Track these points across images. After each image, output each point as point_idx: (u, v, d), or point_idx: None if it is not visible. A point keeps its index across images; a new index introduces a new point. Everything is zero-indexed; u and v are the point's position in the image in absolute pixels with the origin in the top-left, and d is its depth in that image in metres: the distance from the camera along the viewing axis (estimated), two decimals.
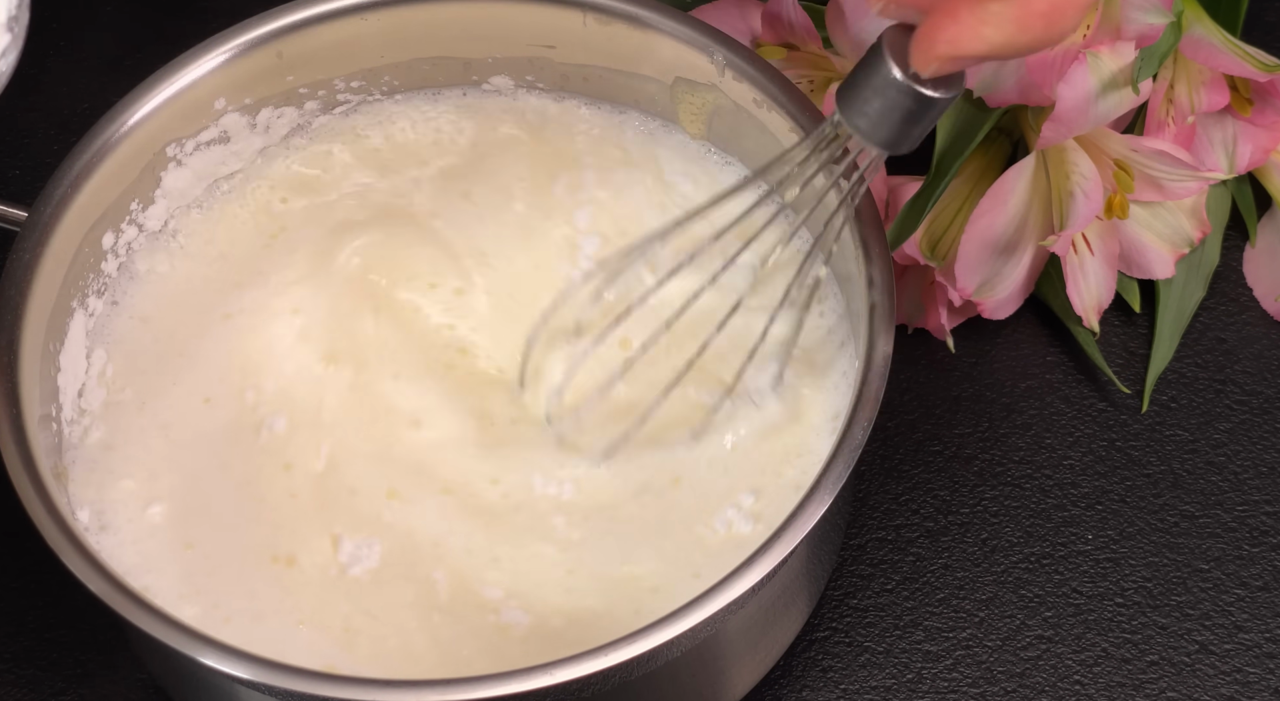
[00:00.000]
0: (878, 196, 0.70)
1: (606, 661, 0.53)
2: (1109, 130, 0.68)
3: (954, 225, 0.70)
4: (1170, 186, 0.68)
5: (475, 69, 0.69)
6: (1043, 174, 0.69)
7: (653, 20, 0.66)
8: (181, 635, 0.54)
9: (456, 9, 0.67)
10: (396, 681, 0.53)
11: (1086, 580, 0.67)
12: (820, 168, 0.58)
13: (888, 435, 0.70)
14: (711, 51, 0.65)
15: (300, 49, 0.66)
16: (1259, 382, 0.71)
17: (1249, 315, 0.73)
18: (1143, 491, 0.69)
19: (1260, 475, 0.70)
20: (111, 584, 0.55)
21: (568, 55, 0.68)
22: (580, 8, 0.66)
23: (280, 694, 0.54)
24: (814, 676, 0.66)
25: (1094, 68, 0.64)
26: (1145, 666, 0.66)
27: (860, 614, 0.67)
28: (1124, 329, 0.73)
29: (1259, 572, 0.68)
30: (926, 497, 0.69)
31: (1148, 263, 0.71)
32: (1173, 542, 0.68)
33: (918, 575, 0.68)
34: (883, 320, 0.59)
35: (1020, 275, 0.70)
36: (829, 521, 0.58)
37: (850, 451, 0.57)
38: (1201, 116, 0.70)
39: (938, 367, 0.72)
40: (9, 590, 0.67)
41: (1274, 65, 0.67)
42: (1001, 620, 0.67)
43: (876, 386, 0.58)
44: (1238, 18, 0.71)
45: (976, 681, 0.66)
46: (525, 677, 0.53)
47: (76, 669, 0.66)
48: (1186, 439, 0.70)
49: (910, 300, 0.72)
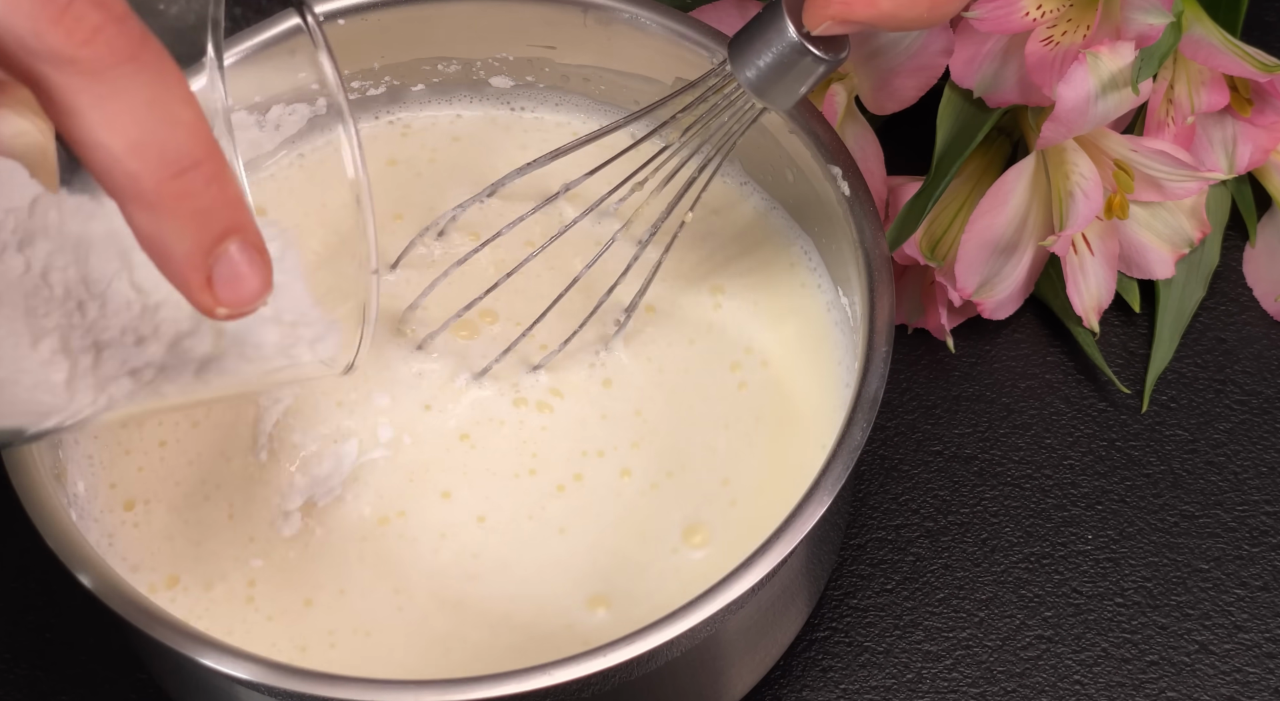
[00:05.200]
0: (878, 196, 0.70)
1: (606, 661, 0.53)
2: (1109, 130, 0.68)
3: (954, 225, 0.70)
4: (1170, 186, 0.68)
5: (475, 69, 0.69)
6: (1043, 174, 0.69)
7: (653, 20, 0.66)
8: (181, 635, 0.54)
9: (456, 9, 0.67)
10: (397, 681, 0.53)
11: (1086, 580, 0.67)
12: (701, 116, 0.61)
13: (888, 435, 0.70)
14: (711, 51, 0.65)
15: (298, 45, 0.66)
16: (1259, 382, 0.71)
17: (1249, 315, 0.73)
18: (1143, 491, 0.69)
19: (1260, 475, 0.70)
20: (112, 584, 0.55)
21: (568, 55, 0.68)
22: (580, 8, 0.66)
23: (280, 694, 0.54)
24: (814, 676, 0.66)
25: (1094, 68, 0.64)
26: (1145, 666, 0.66)
27: (860, 614, 0.67)
28: (1124, 329, 0.73)
29: (1259, 572, 0.68)
30: (926, 497, 0.69)
31: (1148, 263, 0.71)
32: (1173, 542, 0.68)
33: (918, 575, 0.68)
34: (883, 320, 0.59)
35: (1020, 275, 0.70)
36: (829, 521, 0.58)
37: (850, 451, 0.57)
38: (1201, 116, 0.70)
39: (938, 367, 0.72)
40: (9, 590, 0.67)
41: (1274, 65, 0.67)
42: (1001, 620, 0.67)
43: (876, 387, 0.58)
44: (1238, 18, 0.71)
45: (976, 681, 0.66)
46: (525, 677, 0.53)
47: (76, 669, 0.66)
48: (1186, 439, 0.70)
49: (910, 300, 0.72)
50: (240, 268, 0.45)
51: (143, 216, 0.44)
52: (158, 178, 0.43)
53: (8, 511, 0.57)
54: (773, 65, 0.58)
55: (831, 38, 0.58)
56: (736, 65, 0.59)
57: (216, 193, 0.44)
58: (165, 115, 0.43)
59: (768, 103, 0.59)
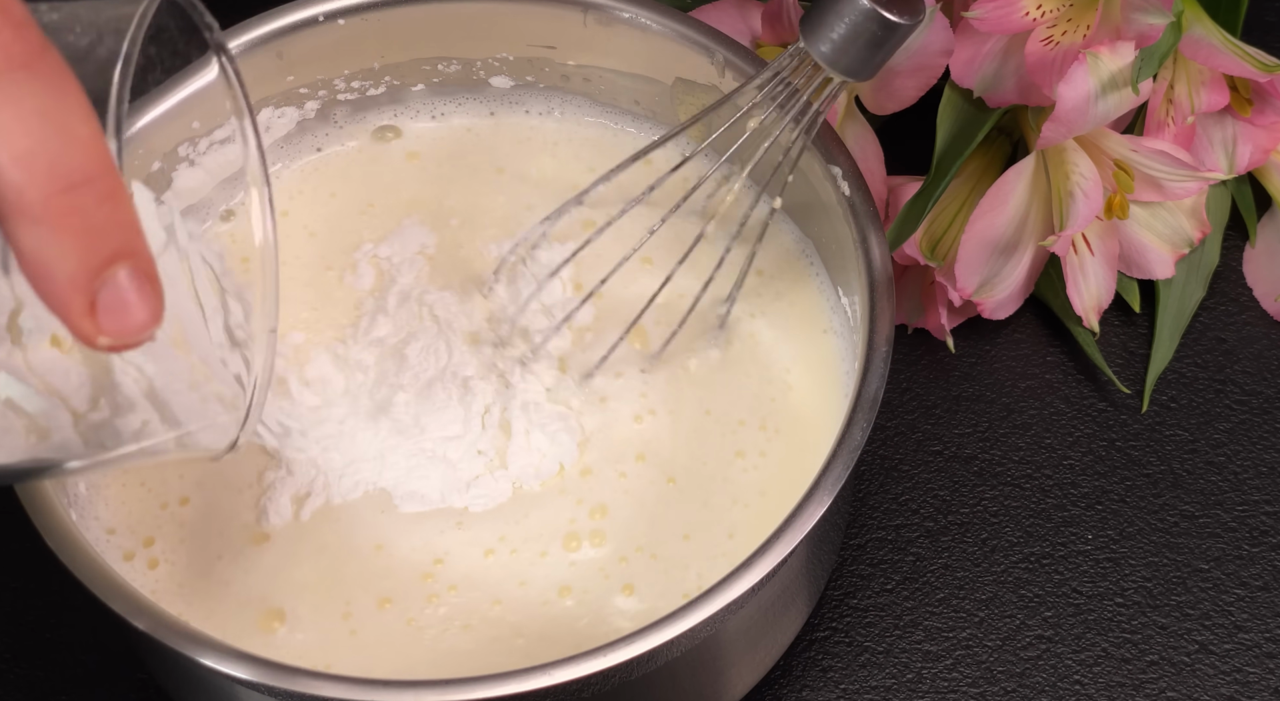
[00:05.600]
0: (878, 196, 0.70)
1: (606, 661, 0.53)
2: (1109, 130, 0.68)
3: (954, 225, 0.70)
4: (1170, 186, 0.68)
5: (475, 69, 0.69)
6: (1043, 174, 0.69)
7: (653, 20, 0.66)
8: (181, 635, 0.54)
9: (456, 9, 0.67)
10: (396, 681, 0.53)
11: (1086, 580, 0.67)
12: (774, 105, 0.60)
13: (888, 435, 0.70)
14: (711, 51, 0.65)
15: (300, 49, 0.66)
16: (1259, 382, 0.71)
17: (1249, 315, 0.73)
18: (1143, 491, 0.69)
19: (1260, 475, 0.70)
20: (112, 584, 0.55)
21: (568, 55, 0.68)
22: (580, 8, 0.66)
23: (280, 694, 0.54)
24: (814, 676, 0.66)
25: (1094, 68, 0.64)
26: (1145, 666, 0.66)
27: (860, 614, 0.67)
28: (1124, 329, 0.73)
29: (1259, 572, 0.68)
30: (926, 497, 0.69)
31: (1148, 263, 0.71)
32: (1173, 542, 0.68)
33: (918, 575, 0.68)
34: (883, 320, 0.59)
35: (1020, 275, 0.70)
36: (829, 521, 0.58)
37: (849, 452, 0.57)
38: (1201, 116, 0.70)
39: (938, 367, 0.72)
40: (9, 590, 0.67)
41: (1274, 65, 0.67)
42: (1001, 620, 0.67)
43: (876, 386, 0.58)
44: (1238, 18, 0.71)
45: (976, 681, 0.66)
46: (525, 677, 0.53)
47: (76, 669, 0.66)
48: (1186, 439, 0.70)
49: (910, 300, 0.72)
50: (128, 295, 0.42)
51: (26, 232, 0.41)
52: (45, 191, 0.40)
53: (8, 511, 0.57)
54: (847, 36, 0.57)
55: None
56: (810, 41, 0.58)
57: (109, 213, 0.41)
58: (58, 127, 0.41)
59: (846, 76, 0.58)
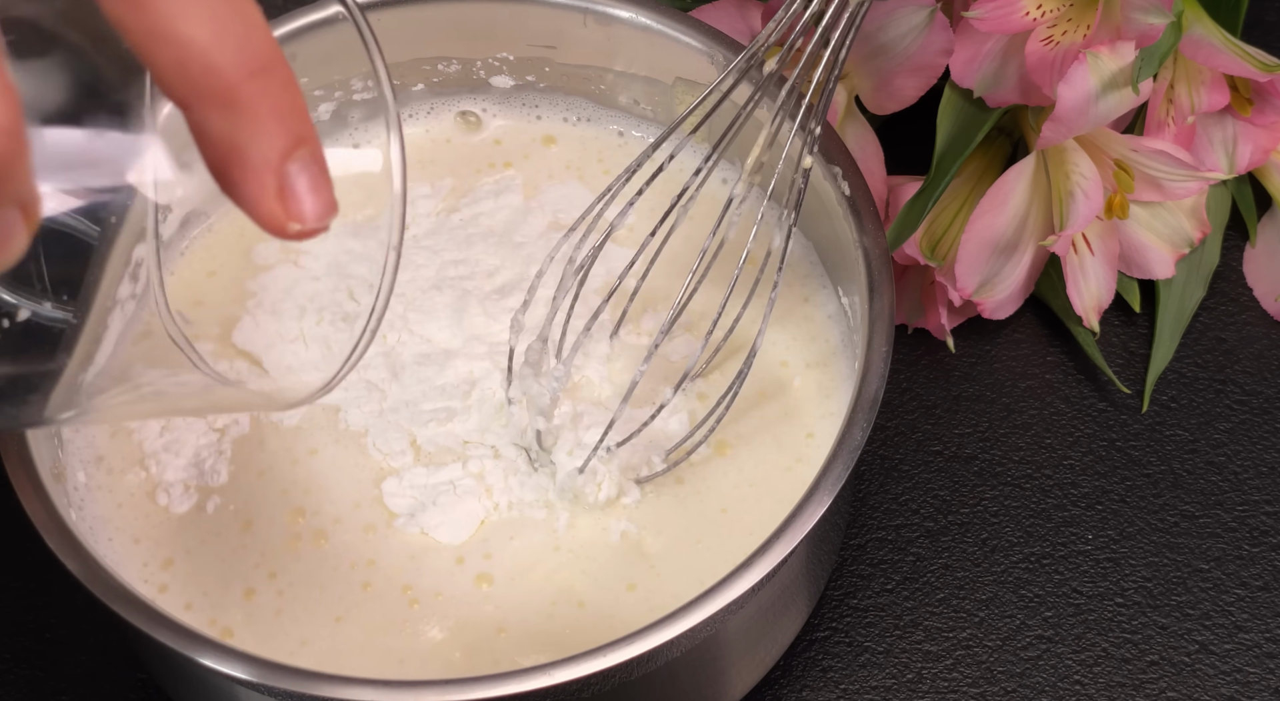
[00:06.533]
0: (878, 196, 0.70)
1: (606, 661, 0.53)
2: (1109, 130, 0.68)
3: (954, 225, 0.70)
4: (1170, 186, 0.68)
5: (475, 69, 0.69)
6: (1043, 174, 0.69)
7: (653, 20, 0.66)
8: (181, 635, 0.54)
9: (456, 9, 0.67)
10: (397, 681, 0.53)
11: (1086, 580, 0.67)
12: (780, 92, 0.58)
13: (888, 435, 0.70)
14: (711, 51, 0.65)
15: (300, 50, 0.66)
16: (1259, 382, 0.71)
17: (1249, 315, 0.73)
18: (1143, 491, 0.69)
19: (1260, 475, 0.70)
20: (111, 584, 0.55)
21: (568, 55, 0.68)
22: (580, 8, 0.66)
23: (280, 694, 0.54)
24: (814, 676, 0.66)
25: (1094, 68, 0.64)
26: (1145, 666, 0.66)
27: (860, 614, 0.67)
28: (1124, 329, 0.73)
29: (1259, 572, 0.68)
30: (926, 497, 0.69)
31: (1148, 263, 0.71)
32: (1173, 542, 0.68)
33: (918, 575, 0.68)
34: (883, 320, 0.59)
35: (1020, 275, 0.70)
36: (829, 521, 0.58)
37: (850, 452, 0.57)
38: (1201, 116, 0.70)
39: (938, 367, 0.72)
40: (9, 590, 0.67)
41: (1274, 65, 0.67)
42: (1001, 620, 0.67)
43: (876, 387, 0.58)
44: (1238, 18, 0.71)
45: (976, 681, 0.66)
46: (525, 677, 0.53)
47: (76, 669, 0.66)
48: (1186, 439, 0.70)
49: (910, 300, 0.72)
50: (315, 179, 0.42)
51: (218, 116, 0.41)
52: (239, 74, 0.40)
53: (8, 511, 0.57)
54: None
55: None
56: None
57: (293, 97, 0.41)
58: (240, 12, 0.41)
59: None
